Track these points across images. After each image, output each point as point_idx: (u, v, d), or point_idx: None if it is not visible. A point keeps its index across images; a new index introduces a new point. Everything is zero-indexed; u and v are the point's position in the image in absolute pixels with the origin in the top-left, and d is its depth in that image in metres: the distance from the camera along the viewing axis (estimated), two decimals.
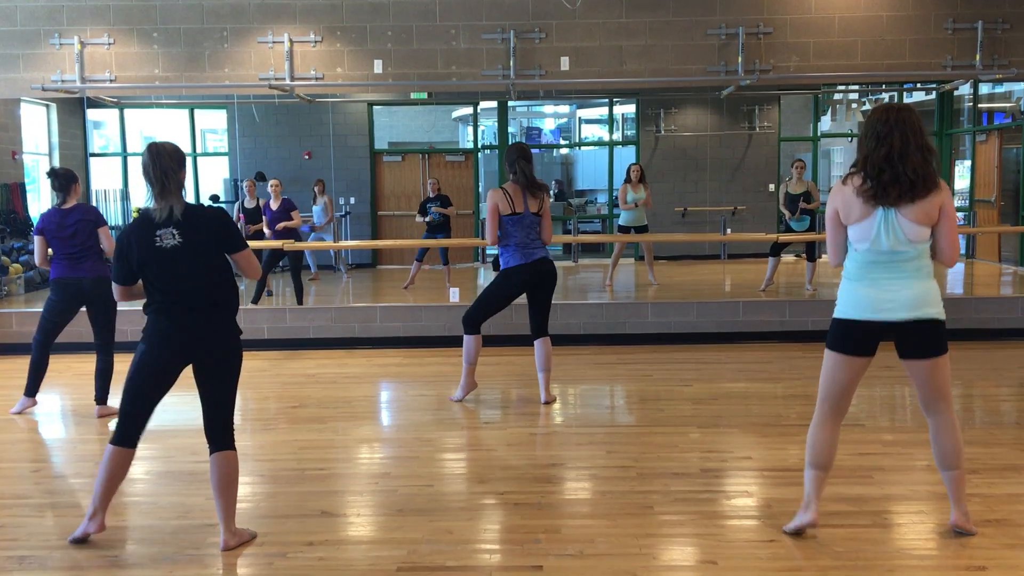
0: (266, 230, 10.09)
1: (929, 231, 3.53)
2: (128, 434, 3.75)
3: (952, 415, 3.67)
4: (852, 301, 3.60)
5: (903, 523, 3.97)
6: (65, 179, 5.92)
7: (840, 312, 3.65)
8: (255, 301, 9.51)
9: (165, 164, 3.64)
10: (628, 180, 11.06)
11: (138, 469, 4.99)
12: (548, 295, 6.04)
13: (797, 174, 10.39)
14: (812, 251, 10.39)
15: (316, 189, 12.94)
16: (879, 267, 3.54)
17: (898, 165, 3.43)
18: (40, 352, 6.08)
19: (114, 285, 3.78)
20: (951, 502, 3.74)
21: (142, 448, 5.34)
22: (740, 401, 6.29)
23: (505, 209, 5.83)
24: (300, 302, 9.62)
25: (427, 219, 11.31)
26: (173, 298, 3.65)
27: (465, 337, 6.08)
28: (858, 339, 3.61)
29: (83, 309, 6.03)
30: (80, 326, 6.32)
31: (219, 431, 3.74)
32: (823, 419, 3.74)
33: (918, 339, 3.57)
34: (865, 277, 3.57)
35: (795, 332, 8.31)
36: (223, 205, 14.27)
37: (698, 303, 8.65)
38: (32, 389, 6.11)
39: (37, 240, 5.91)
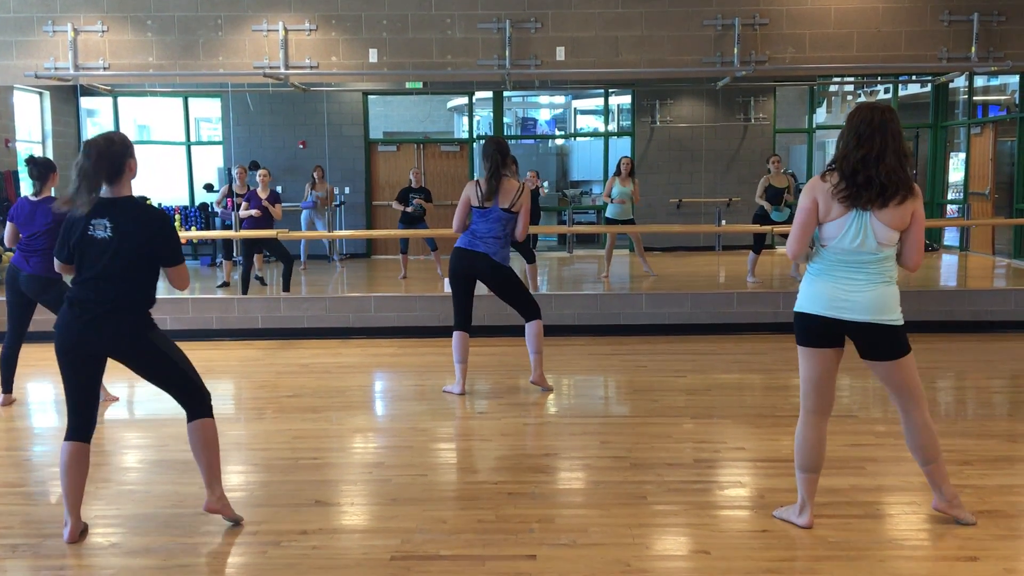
0: (253, 212, 9.99)
1: (898, 236, 3.54)
2: (76, 426, 3.70)
3: (922, 413, 3.67)
4: (811, 295, 3.64)
5: (895, 514, 3.99)
6: (43, 168, 5.84)
7: (799, 305, 3.69)
8: (244, 292, 9.48)
9: (88, 164, 3.55)
10: (618, 173, 11.04)
11: (132, 458, 5.00)
12: (506, 289, 6.04)
13: (776, 168, 10.52)
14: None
15: (315, 175, 12.89)
16: (843, 266, 3.56)
17: (872, 168, 3.45)
18: (8, 352, 6.00)
19: (55, 260, 3.74)
20: (933, 490, 3.78)
21: (136, 437, 5.36)
22: (734, 392, 6.31)
23: (475, 201, 5.86)
24: (286, 287, 9.54)
25: (408, 208, 11.29)
26: (83, 289, 3.62)
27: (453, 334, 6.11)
28: (820, 332, 3.63)
29: None
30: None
31: (184, 404, 3.78)
32: (808, 418, 3.73)
33: (875, 342, 3.59)
34: (827, 273, 3.60)
35: (789, 324, 8.24)
36: (216, 192, 14.24)
37: (692, 294, 8.66)
38: (7, 385, 6.06)
39: (9, 226, 5.87)
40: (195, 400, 3.78)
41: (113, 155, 3.61)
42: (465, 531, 3.79)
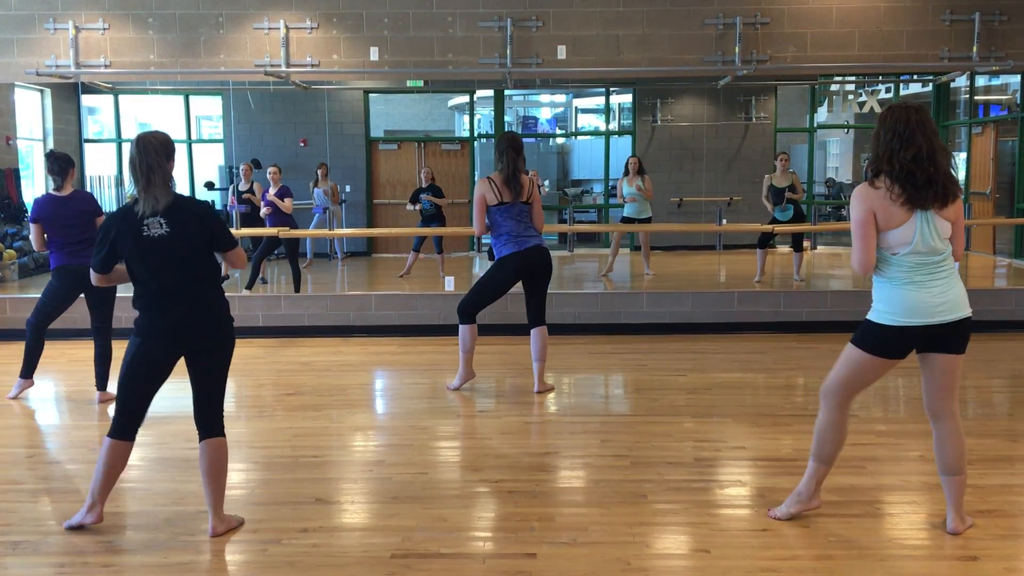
0: (264, 210, 10.06)
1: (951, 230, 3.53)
2: (125, 427, 3.74)
3: (958, 420, 3.63)
4: (902, 307, 3.49)
5: (896, 513, 3.99)
6: (63, 163, 5.86)
7: (888, 319, 3.52)
8: (249, 287, 9.49)
9: (151, 159, 3.57)
10: (626, 173, 11.08)
11: (132, 456, 4.96)
12: (544, 284, 6.04)
13: (782, 167, 10.52)
14: (799, 242, 10.48)
15: (319, 172, 12.86)
16: (923, 270, 3.48)
17: (929, 167, 3.40)
18: (35, 335, 6.04)
19: (91, 272, 3.74)
20: (949, 507, 3.67)
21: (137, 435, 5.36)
22: (734, 391, 6.31)
23: (492, 199, 5.84)
24: (297, 289, 9.61)
25: (417, 207, 11.31)
26: (163, 289, 3.62)
27: (460, 327, 6.08)
28: (903, 345, 3.55)
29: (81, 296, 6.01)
30: (74, 312, 6.30)
31: (209, 419, 3.75)
32: (836, 411, 3.72)
33: (956, 336, 3.55)
34: (910, 282, 3.48)
35: (789, 323, 8.32)
36: (218, 191, 14.23)
37: (693, 293, 8.65)
38: (29, 370, 6.08)
39: (34, 228, 5.84)
40: (218, 417, 3.77)
41: (170, 149, 3.68)
42: (465, 529, 3.79)
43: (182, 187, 14.60)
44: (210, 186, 14.14)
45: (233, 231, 9.47)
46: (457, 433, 5.45)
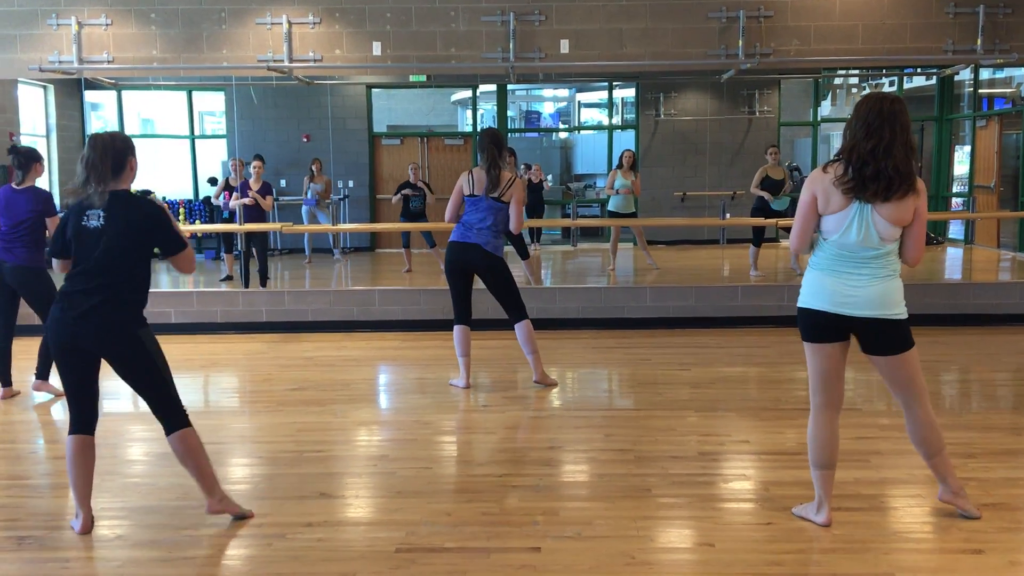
0: (244, 200, 9.95)
1: (900, 231, 3.49)
2: (78, 420, 3.71)
3: (925, 408, 3.63)
4: (814, 291, 3.59)
5: (900, 507, 3.99)
6: (26, 158, 5.80)
7: (802, 301, 3.64)
8: (245, 285, 9.48)
9: (95, 157, 3.59)
10: (620, 166, 11.06)
11: (137, 451, 5.01)
12: (495, 282, 5.99)
13: (774, 159, 10.54)
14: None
15: (313, 168, 12.84)
16: (845, 261, 3.51)
17: (881, 160, 3.38)
18: None
19: (52, 259, 3.77)
20: (939, 482, 3.75)
21: (141, 430, 5.37)
22: (738, 385, 6.30)
23: (467, 190, 5.87)
24: (263, 284, 9.51)
25: (399, 196, 11.41)
26: (74, 282, 3.62)
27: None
28: (824, 327, 3.59)
29: None
30: None
31: (163, 416, 3.72)
32: (819, 414, 3.68)
33: (879, 337, 3.54)
34: (830, 269, 3.54)
35: (793, 317, 8.27)
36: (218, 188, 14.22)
37: (696, 287, 8.65)
38: (4, 378, 6.08)
39: None
40: (171, 411, 3.71)
41: (117, 150, 3.66)
42: (470, 523, 3.79)
43: (185, 182, 14.63)
44: (213, 182, 14.15)
45: (236, 226, 9.53)
46: (461, 428, 5.46)
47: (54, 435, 5.49)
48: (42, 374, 6.00)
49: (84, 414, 3.72)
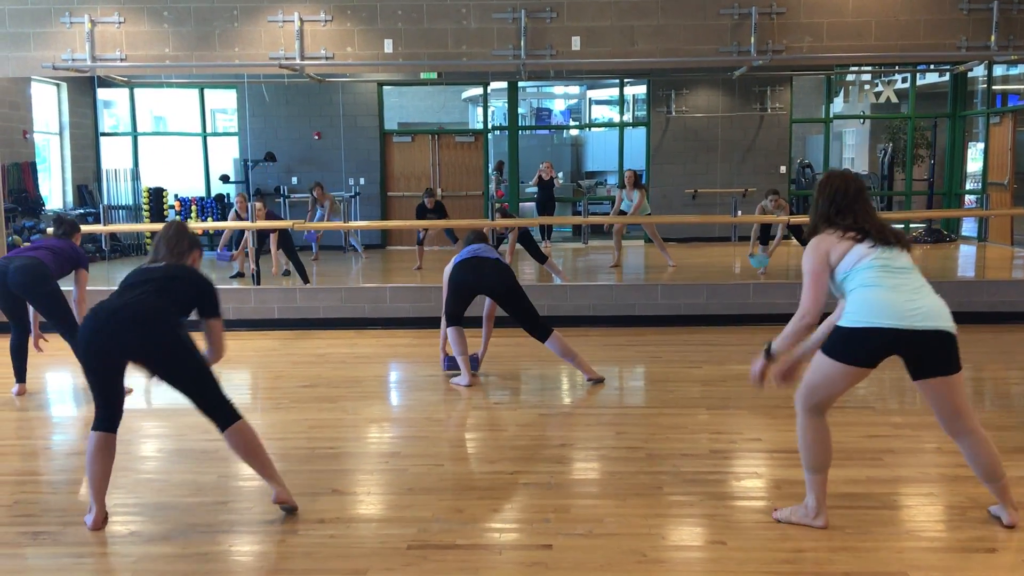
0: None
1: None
2: (103, 417, 3.78)
3: (980, 431, 3.51)
4: (871, 308, 3.34)
5: (913, 505, 3.97)
6: (70, 227, 6.07)
7: (858, 320, 3.35)
8: (304, 281, 9.68)
9: (172, 243, 4.06)
10: (621, 186, 11.34)
11: (150, 447, 5.04)
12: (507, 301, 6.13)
13: (774, 205, 10.51)
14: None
15: (315, 193, 12.59)
16: (890, 273, 3.38)
17: (873, 222, 3.46)
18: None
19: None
20: (1002, 505, 3.60)
21: (154, 426, 5.40)
22: (749, 383, 6.27)
23: None
24: (306, 280, 9.71)
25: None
26: (116, 298, 3.77)
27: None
28: (877, 349, 3.37)
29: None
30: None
31: (212, 415, 3.78)
32: (812, 420, 3.54)
33: (936, 353, 3.38)
34: (878, 285, 3.35)
35: None
36: (233, 186, 14.28)
37: (708, 285, 8.63)
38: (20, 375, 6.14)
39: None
40: (218, 409, 3.78)
41: (191, 240, 4.12)
42: (481, 520, 3.80)
43: (198, 180, 14.69)
44: (225, 179, 14.20)
45: (249, 224, 9.56)
46: (472, 425, 5.46)
47: (68, 431, 5.52)
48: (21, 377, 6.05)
49: (110, 412, 3.77)
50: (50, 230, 6.38)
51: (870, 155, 18.80)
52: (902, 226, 14.82)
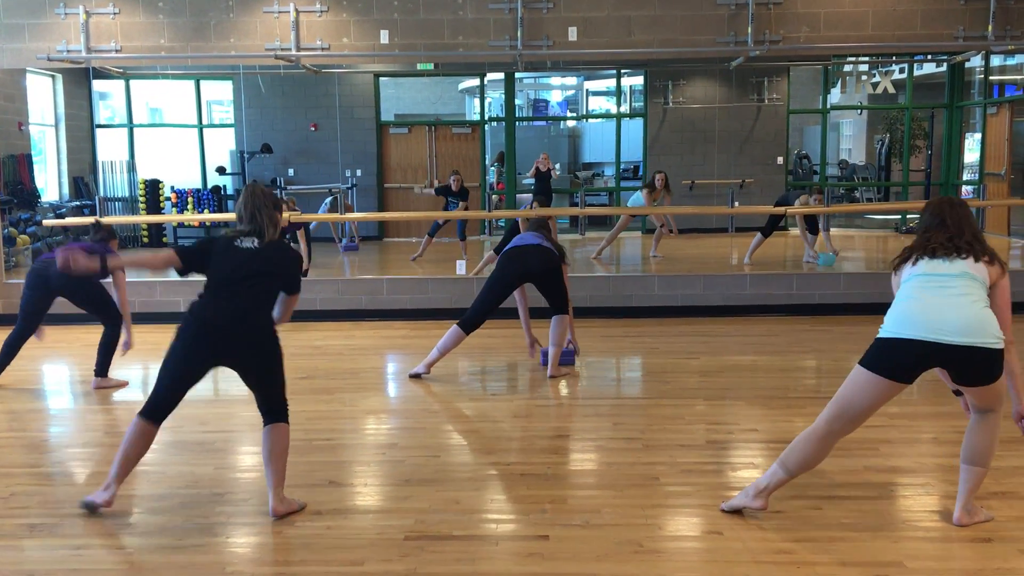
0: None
1: (987, 277, 3.47)
2: (155, 409, 3.79)
3: (998, 418, 3.52)
4: (900, 319, 3.39)
5: (909, 495, 3.98)
6: (107, 233, 6.11)
7: (888, 331, 3.41)
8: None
9: (258, 202, 3.84)
10: (652, 188, 11.20)
11: None
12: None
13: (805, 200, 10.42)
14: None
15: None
16: (931, 285, 3.41)
17: (956, 239, 3.51)
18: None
19: (169, 251, 3.90)
20: (959, 498, 3.57)
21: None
22: (746, 374, 6.29)
23: None
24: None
25: (425, 189, 11.39)
26: (220, 295, 3.73)
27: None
28: (906, 362, 3.36)
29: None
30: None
31: (265, 409, 3.84)
32: (827, 436, 3.49)
33: (972, 367, 3.34)
34: (914, 297, 3.41)
35: (802, 305, 8.29)
36: (229, 177, 14.25)
37: (705, 276, 8.63)
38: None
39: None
40: (274, 407, 3.85)
41: (276, 202, 3.96)
42: (478, 511, 3.80)
43: (194, 172, 14.65)
44: (221, 171, 14.16)
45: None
46: (469, 416, 5.47)
47: (65, 424, 5.52)
48: (102, 371, 6.02)
49: (165, 406, 3.81)
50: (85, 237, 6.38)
51: (867, 146, 18.80)
52: (899, 216, 14.85)
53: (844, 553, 3.36)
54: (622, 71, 15.36)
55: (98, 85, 14.44)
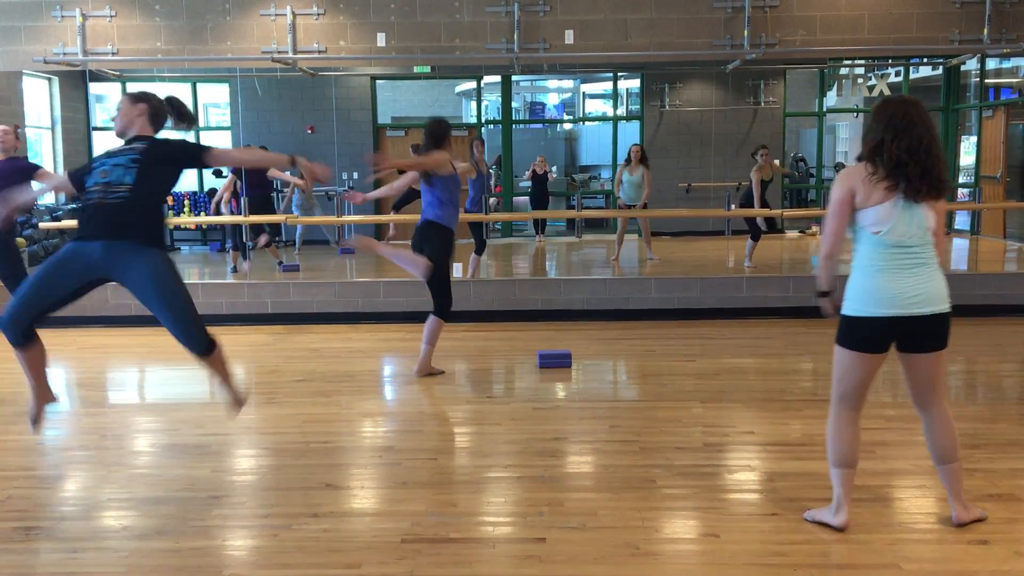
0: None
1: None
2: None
3: (947, 408, 3.56)
4: (871, 296, 3.37)
5: (905, 497, 3.99)
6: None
7: (856, 308, 3.40)
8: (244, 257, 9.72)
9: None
10: (627, 162, 11.06)
11: (143, 442, 5.03)
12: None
13: (766, 160, 10.46)
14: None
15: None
16: (902, 257, 3.35)
17: (925, 159, 3.28)
18: None
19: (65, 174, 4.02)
20: (951, 498, 3.60)
21: (147, 421, 5.39)
22: (743, 376, 6.30)
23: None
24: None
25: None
26: (96, 204, 3.91)
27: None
28: (881, 337, 3.40)
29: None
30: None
31: (185, 344, 3.96)
32: (844, 415, 3.54)
33: (929, 331, 3.41)
34: (887, 269, 3.35)
35: (798, 308, 8.30)
36: (224, 178, 14.21)
37: (701, 279, 8.64)
38: None
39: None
40: (192, 339, 3.99)
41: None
42: (475, 514, 3.80)
43: (190, 175, 14.62)
44: (218, 174, 14.13)
45: (242, 218, 9.52)
46: (466, 419, 5.46)
47: (61, 427, 5.51)
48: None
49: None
50: None
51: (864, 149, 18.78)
52: None
53: (840, 555, 3.36)
54: (618, 74, 15.37)
55: (95, 88, 14.41)
